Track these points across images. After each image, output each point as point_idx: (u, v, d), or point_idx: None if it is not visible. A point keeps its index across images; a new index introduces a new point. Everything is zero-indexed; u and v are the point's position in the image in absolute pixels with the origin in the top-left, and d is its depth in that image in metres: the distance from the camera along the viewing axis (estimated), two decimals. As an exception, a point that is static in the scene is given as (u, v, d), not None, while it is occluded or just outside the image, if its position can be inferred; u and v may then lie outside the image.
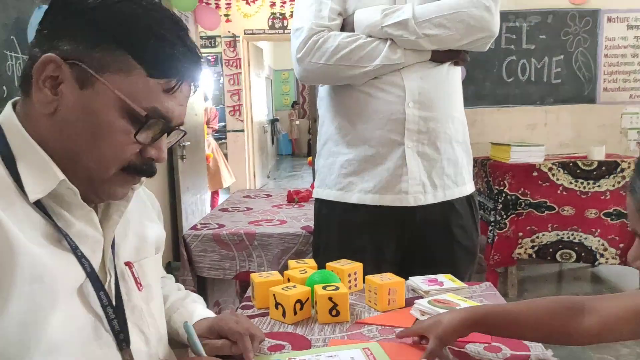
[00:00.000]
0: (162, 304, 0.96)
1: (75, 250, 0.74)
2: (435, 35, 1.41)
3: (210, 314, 1.04)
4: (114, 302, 0.79)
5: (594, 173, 3.32)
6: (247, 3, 5.70)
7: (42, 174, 0.71)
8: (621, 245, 3.30)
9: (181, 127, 0.83)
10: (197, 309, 1.04)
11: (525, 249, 3.39)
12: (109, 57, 0.71)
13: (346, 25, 1.49)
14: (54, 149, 0.73)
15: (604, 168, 3.32)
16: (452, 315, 0.94)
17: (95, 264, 0.77)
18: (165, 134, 0.78)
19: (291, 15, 6.05)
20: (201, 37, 6.37)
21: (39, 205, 0.71)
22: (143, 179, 0.83)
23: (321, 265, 1.34)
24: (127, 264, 0.85)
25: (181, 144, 3.86)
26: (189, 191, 3.98)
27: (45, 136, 0.73)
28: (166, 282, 1.11)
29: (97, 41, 0.71)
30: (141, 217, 0.93)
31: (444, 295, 1.18)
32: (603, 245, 3.34)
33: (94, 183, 0.76)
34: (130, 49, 0.71)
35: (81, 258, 0.74)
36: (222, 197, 5.62)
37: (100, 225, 0.79)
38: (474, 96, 3.99)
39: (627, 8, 3.36)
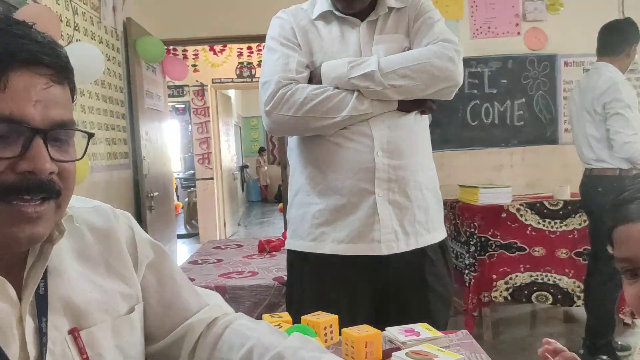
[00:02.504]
0: None
1: None
2: (401, 85, 1.44)
3: None
4: None
5: (561, 212, 3.38)
6: (215, 53, 5.77)
7: None
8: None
9: (88, 131, 0.74)
10: None
11: (500, 292, 3.39)
12: None
13: (313, 78, 1.51)
14: None
15: (569, 207, 3.38)
16: None
17: (9, 338, 0.69)
18: (41, 140, 0.67)
19: (258, 64, 6.15)
20: (169, 87, 6.39)
21: None
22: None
23: (296, 318, 1.31)
24: (72, 331, 0.76)
25: (149, 195, 3.81)
26: (157, 243, 3.90)
27: None
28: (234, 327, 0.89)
29: None
30: (108, 271, 0.83)
31: (421, 346, 1.17)
32: (579, 287, 3.36)
33: None
34: None
35: None
36: (193, 247, 5.52)
37: (18, 294, 0.71)
38: (440, 140, 4.07)
39: (582, 53, 3.54)
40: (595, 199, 2.92)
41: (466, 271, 3.40)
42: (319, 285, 1.53)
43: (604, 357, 2.92)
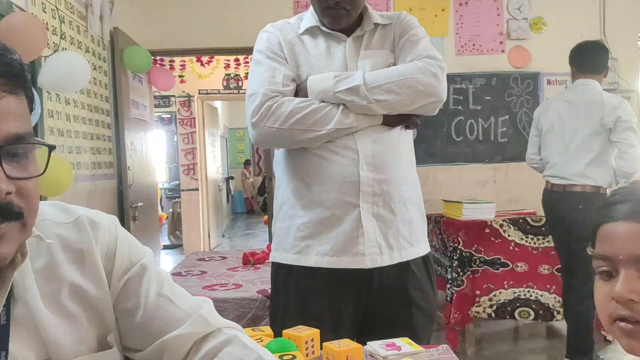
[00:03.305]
0: None
1: None
2: (386, 100, 1.45)
3: None
4: None
5: (543, 229, 3.41)
6: (202, 64, 5.77)
7: None
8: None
9: (41, 141, 0.68)
10: None
11: (484, 308, 3.41)
12: None
13: (300, 91, 1.52)
14: None
15: (552, 224, 3.41)
16: None
17: None
18: None
19: (245, 76, 6.15)
20: (155, 97, 6.37)
21: None
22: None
23: (279, 331, 1.31)
24: None
25: (133, 205, 3.78)
26: (140, 254, 3.87)
27: None
28: None
29: None
30: (75, 295, 0.75)
31: (402, 360, 1.17)
32: (559, 301, 3.38)
33: None
34: None
35: None
36: (177, 258, 5.46)
37: None
38: (425, 154, 4.11)
39: (564, 71, 3.60)
40: (574, 215, 2.84)
41: (448, 285, 3.41)
42: (303, 298, 1.53)
43: (585, 373, 2.94)
